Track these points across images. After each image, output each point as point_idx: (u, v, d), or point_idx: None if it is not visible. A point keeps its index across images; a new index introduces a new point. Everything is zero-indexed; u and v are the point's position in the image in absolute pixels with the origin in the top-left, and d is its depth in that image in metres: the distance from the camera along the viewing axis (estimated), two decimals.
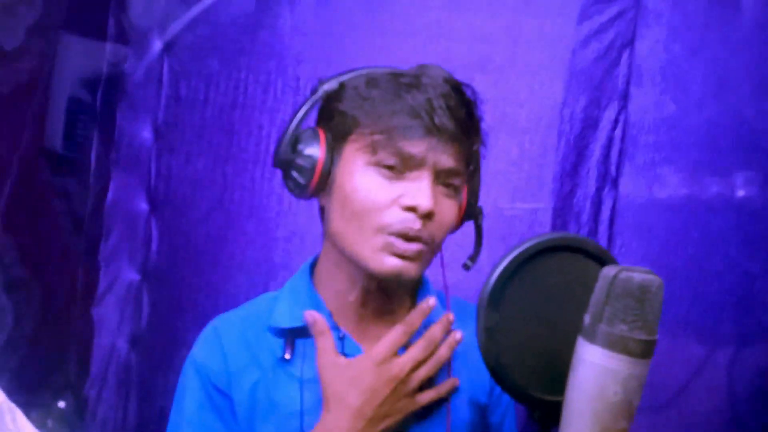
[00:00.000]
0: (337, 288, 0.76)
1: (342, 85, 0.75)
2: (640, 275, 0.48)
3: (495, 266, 0.57)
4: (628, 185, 1.33)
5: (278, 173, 1.45)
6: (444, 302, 0.78)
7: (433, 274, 0.81)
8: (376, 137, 0.70)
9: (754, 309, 1.24)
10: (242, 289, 1.51)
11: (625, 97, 1.34)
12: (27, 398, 0.85)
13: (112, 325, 1.53)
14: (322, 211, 0.78)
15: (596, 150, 1.35)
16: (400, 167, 0.70)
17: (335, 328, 0.76)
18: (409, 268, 0.71)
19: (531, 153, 1.37)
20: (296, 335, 0.76)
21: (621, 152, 1.34)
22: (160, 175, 1.52)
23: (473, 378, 0.78)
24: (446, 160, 0.70)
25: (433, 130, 0.69)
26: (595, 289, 0.50)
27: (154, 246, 1.53)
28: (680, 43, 1.30)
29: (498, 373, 0.56)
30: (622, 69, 1.34)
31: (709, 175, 1.29)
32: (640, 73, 1.33)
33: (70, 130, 1.38)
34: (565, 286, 0.56)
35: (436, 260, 0.76)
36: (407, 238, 0.70)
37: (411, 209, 0.69)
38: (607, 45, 1.34)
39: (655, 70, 1.33)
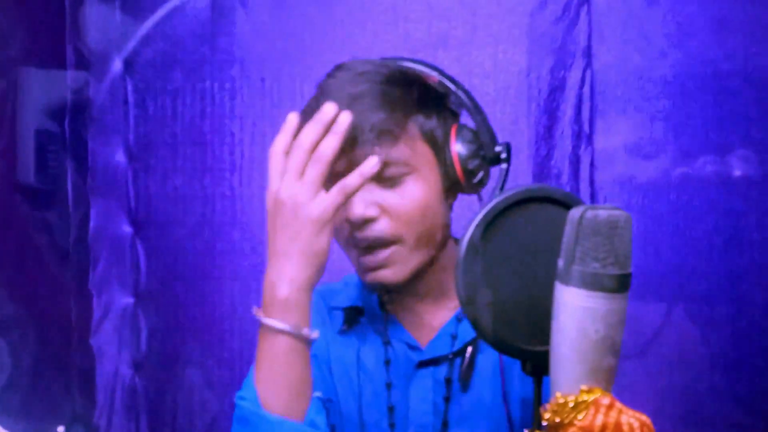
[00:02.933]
0: None
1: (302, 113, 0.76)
2: (605, 212, 0.48)
3: (468, 225, 0.57)
4: (603, 140, 1.33)
5: (257, 179, 1.47)
6: None
7: None
8: None
9: (742, 247, 1.25)
10: (237, 298, 1.51)
11: (588, 54, 1.34)
12: None
13: (113, 351, 1.53)
14: None
15: (567, 110, 1.35)
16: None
17: (380, 312, 0.79)
18: (385, 276, 0.72)
19: (503, 122, 1.37)
20: (353, 313, 0.81)
21: (592, 109, 1.34)
22: (140, 196, 1.51)
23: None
24: (353, 163, 0.69)
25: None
26: (565, 232, 0.50)
27: (143, 267, 1.52)
28: None
29: (482, 328, 0.56)
30: (582, 27, 1.34)
31: (682, 120, 1.30)
32: (600, 28, 1.34)
33: (42, 162, 1.37)
34: (538, 237, 0.56)
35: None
36: (368, 249, 0.71)
37: (349, 223, 0.71)
38: (564, 5, 1.34)
39: (615, 23, 1.33)
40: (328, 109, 0.67)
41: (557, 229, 0.52)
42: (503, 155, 0.74)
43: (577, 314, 0.48)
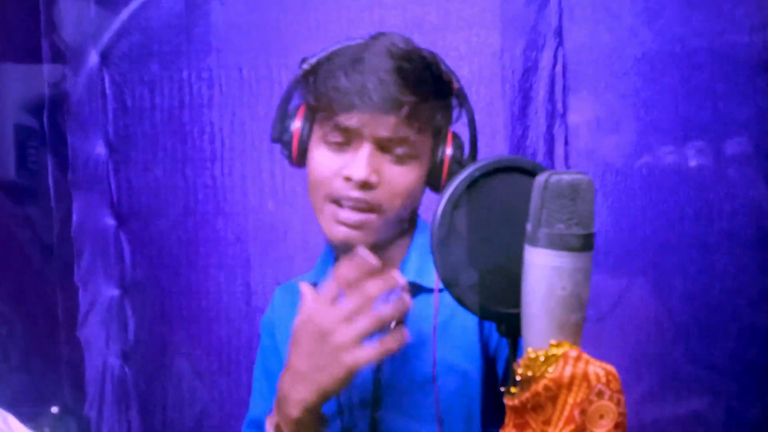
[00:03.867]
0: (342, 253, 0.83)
1: (315, 65, 0.80)
2: (569, 176, 0.51)
3: (441, 195, 0.59)
4: (576, 118, 1.36)
5: (238, 167, 1.48)
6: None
7: None
8: (324, 116, 0.76)
9: (712, 219, 1.29)
10: (222, 286, 1.52)
11: (559, 34, 1.37)
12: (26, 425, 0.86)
13: (100, 343, 1.54)
14: None
15: (540, 90, 1.38)
16: (344, 140, 0.75)
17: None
18: (356, 237, 0.75)
19: (479, 104, 1.39)
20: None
21: (564, 88, 1.37)
22: (121, 189, 1.52)
23: (457, 344, 0.80)
24: (383, 130, 0.73)
25: (367, 104, 0.73)
26: (532, 197, 0.53)
27: (127, 259, 1.53)
28: None
29: (459, 293, 0.59)
30: (553, 7, 1.37)
31: (652, 96, 1.33)
32: (570, 9, 1.36)
33: (22, 158, 1.37)
34: (508, 204, 0.59)
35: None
36: (350, 207, 0.75)
37: (347, 179, 0.74)
38: None
39: (585, 3, 1.36)
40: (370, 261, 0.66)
41: (526, 196, 0.55)
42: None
43: (545, 273, 0.51)
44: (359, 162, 0.73)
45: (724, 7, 1.29)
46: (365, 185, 0.73)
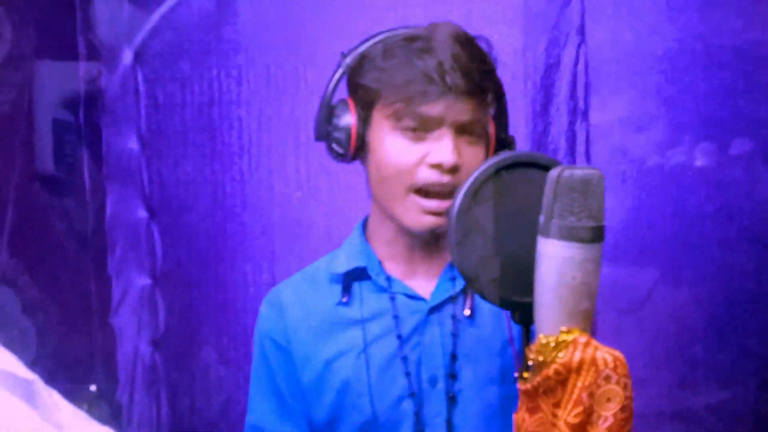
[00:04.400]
0: (386, 239, 0.84)
1: (361, 57, 0.81)
2: (580, 171, 0.54)
3: (459, 188, 0.62)
4: (598, 115, 1.38)
5: (264, 162, 1.52)
6: None
7: None
8: (397, 105, 0.76)
9: (732, 217, 1.30)
10: (249, 278, 1.57)
11: (582, 32, 1.39)
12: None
13: (132, 331, 1.60)
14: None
15: (562, 87, 1.40)
16: (423, 129, 0.76)
17: (382, 270, 0.83)
18: (442, 223, 0.76)
19: None
20: (352, 278, 0.84)
21: (586, 85, 1.39)
22: (153, 182, 1.57)
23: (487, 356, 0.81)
24: (463, 115, 0.76)
25: (446, 91, 0.74)
26: (545, 191, 0.56)
27: (158, 250, 1.59)
28: None
29: (476, 283, 0.62)
30: (575, 5, 1.38)
31: (673, 94, 1.34)
32: (593, 7, 1.38)
33: (60, 151, 1.43)
34: (524, 198, 0.62)
35: None
36: (438, 195, 0.76)
37: (437, 166, 0.75)
38: None
39: (607, 1, 1.37)
40: None
41: (541, 190, 0.58)
42: (512, 144, 0.84)
43: (556, 263, 0.54)
44: (446, 148, 0.75)
45: (745, 4, 1.29)
46: (454, 169, 0.75)
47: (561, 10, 1.39)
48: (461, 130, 0.76)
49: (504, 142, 0.83)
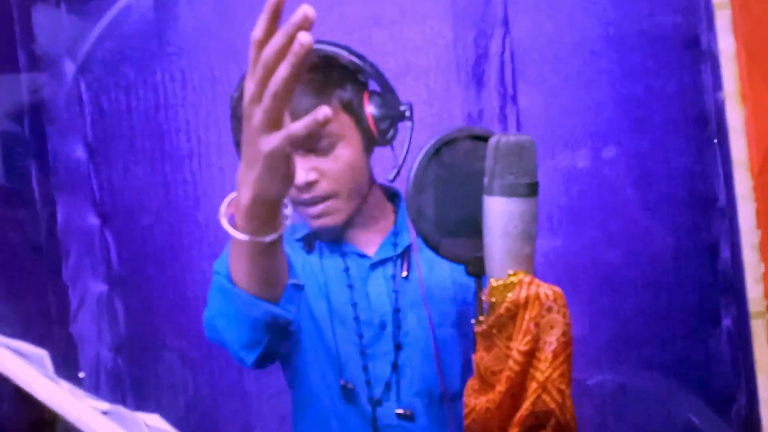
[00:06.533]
0: None
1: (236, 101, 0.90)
2: (514, 137, 0.63)
3: (412, 165, 0.71)
4: (525, 99, 1.50)
5: (215, 162, 1.57)
6: None
7: None
8: None
9: (651, 183, 1.44)
10: (206, 276, 1.59)
11: (506, 23, 1.50)
12: None
13: (93, 337, 1.61)
14: None
15: (492, 75, 1.51)
16: None
17: (340, 238, 0.95)
18: (327, 222, 0.89)
19: (436, 90, 1.52)
20: (313, 239, 0.96)
21: (513, 72, 1.50)
22: (103, 189, 1.59)
23: (442, 293, 0.93)
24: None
25: None
26: (487, 157, 0.65)
27: (113, 256, 1.60)
28: None
29: (431, 243, 0.70)
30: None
31: (592, 77, 1.47)
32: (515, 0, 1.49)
33: (8, 163, 1.44)
34: (467, 166, 0.71)
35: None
36: (310, 204, 0.88)
37: (298, 189, 0.87)
38: None
39: None
40: (296, 17, 0.58)
41: (481, 158, 0.67)
42: (407, 113, 0.91)
43: (500, 216, 0.63)
44: (297, 172, 0.82)
45: None
46: (309, 184, 0.86)
47: (486, 4, 1.50)
48: (309, 148, 0.86)
49: (375, 138, 0.90)
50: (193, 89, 1.56)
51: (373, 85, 0.93)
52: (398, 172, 0.89)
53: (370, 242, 0.96)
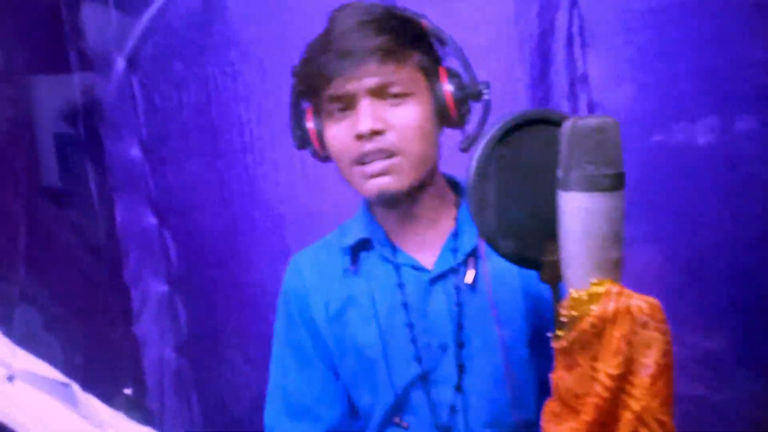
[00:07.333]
0: (381, 218, 0.88)
1: (301, 63, 0.84)
2: (594, 120, 0.53)
3: (475, 149, 0.62)
4: (597, 75, 1.37)
5: (269, 157, 1.52)
6: None
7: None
8: (317, 97, 0.81)
9: (737, 166, 1.29)
10: (265, 275, 1.57)
11: None
12: None
13: (155, 337, 1.60)
14: None
15: (559, 51, 1.38)
16: (346, 106, 0.79)
17: (387, 242, 0.87)
18: (388, 183, 0.79)
19: (497, 71, 1.40)
20: (359, 249, 0.88)
21: (583, 47, 1.37)
22: (159, 187, 1.57)
23: (510, 299, 0.83)
24: (369, 80, 0.77)
25: (341, 65, 0.76)
26: (561, 144, 0.55)
27: (172, 255, 1.59)
28: None
29: (498, 246, 0.61)
30: None
31: (668, 46, 1.32)
32: None
33: (64, 165, 1.43)
34: (539, 155, 0.61)
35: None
36: (372, 160, 0.78)
37: (359, 137, 0.78)
38: None
39: None
40: None
41: (554, 146, 0.57)
42: (485, 92, 0.83)
43: (580, 216, 0.53)
44: (360, 116, 0.77)
45: None
46: (374, 133, 0.77)
47: None
48: (378, 93, 0.78)
49: (461, 85, 0.82)
50: (243, 82, 1.51)
51: (449, 62, 0.85)
52: (471, 143, 0.80)
53: (427, 248, 0.86)
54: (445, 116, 0.82)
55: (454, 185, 0.90)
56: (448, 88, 0.81)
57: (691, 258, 1.30)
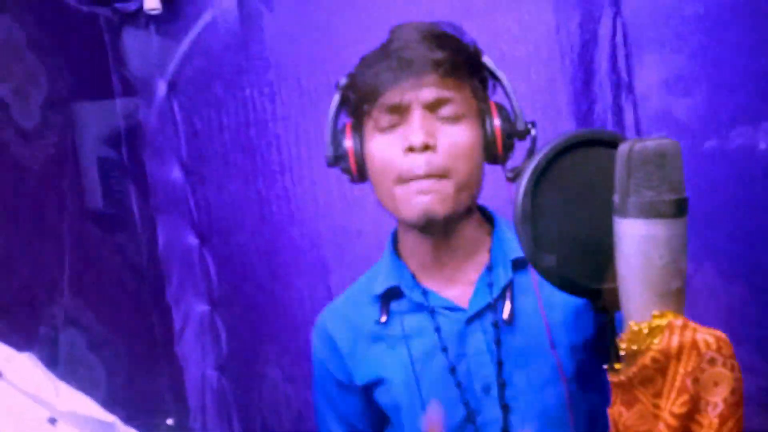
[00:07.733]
0: (411, 248, 0.84)
1: (349, 78, 0.82)
2: (653, 142, 0.50)
3: (522, 173, 0.59)
4: (643, 85, 1.32)
5: (307, 176, 1.51)
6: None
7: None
8: (366, 106, 0.78)
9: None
10: (304, 293, 1.56)
11: (616, 2, 1.33)
12: None
13: (197, 357, 1.61)
14: None
15: (602, 61, 1.35)
16: (395, 120, 0.76)
17: (417, 285, 0.83)
18: (434, 204, 0.75)
19: (539, 83, 1.37)
20: (389, 298, 0.84)
21: (627, 56, 1.33)
22: (200, 208, 1.58)
23: (561, 322, 0.79)
24: (428, 92, 0.75)
25: (401, 74, 0.74)
26: (616, 168, 0.52)
27: (213, 275, 1.59)
28: None
29: (549, 274, 0.58)
30: None
31: (719, 51, 1.27)
32: None
33: (107, 188, 1.45)
34: (591, 178, 0.58)
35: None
36: (419, 177, 0.75)
37: (410, 149, 0.74)
38: None
39: None
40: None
41: (608, 168, 0.54)
42: (532, 131, 0.80)
43: (639, 244, 0.50)
44: (413, 128, 0.75)
45: None
46: (426, 147, 0.74)
47: None
48: (433, 108, 0.76)
49: (507, 132, 0.80)
50: (281, 102, 1.51)
51: (499, 95, 0.84)
52: (519, 174, 0.77)
53: (459, 283, 0.82)
54: (491, 149, 0.79)
55: (487, 217, 0.87)
56: (497, 122, 0.79)
57: (750, 275, 1.24)
